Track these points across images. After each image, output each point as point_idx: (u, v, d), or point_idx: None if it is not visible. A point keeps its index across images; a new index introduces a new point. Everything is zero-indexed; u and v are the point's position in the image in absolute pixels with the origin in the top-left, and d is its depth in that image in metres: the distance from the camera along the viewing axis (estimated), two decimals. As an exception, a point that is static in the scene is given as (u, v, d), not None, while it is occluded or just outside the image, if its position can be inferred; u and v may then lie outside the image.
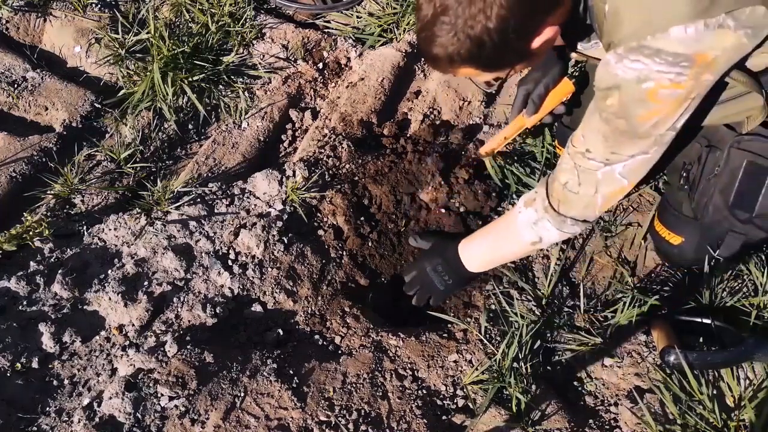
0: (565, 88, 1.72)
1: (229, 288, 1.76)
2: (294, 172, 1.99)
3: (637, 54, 1.13)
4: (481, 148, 1.90)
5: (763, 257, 1.70)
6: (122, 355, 1.62)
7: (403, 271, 1.77)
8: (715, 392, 1.55)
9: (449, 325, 1.71)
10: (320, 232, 1.90)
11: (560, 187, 1.39)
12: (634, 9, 1.14)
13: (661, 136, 1.24)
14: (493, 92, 1.79)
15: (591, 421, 1.56)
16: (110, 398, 1.54)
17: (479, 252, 1.62)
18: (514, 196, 1.97)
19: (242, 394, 1.54)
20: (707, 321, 1.58)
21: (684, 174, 1.64)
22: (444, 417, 1.54)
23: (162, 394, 1.54)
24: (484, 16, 1.11)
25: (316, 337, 1.71)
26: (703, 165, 1.58)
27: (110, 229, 1.86)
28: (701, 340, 1.60)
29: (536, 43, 1.21)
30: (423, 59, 1.30)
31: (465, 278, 1.66)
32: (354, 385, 1.58)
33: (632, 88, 1.17)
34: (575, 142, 1.35)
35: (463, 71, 1.26)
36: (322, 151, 2.07)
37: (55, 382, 1.60)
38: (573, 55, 1.53)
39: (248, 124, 2.22)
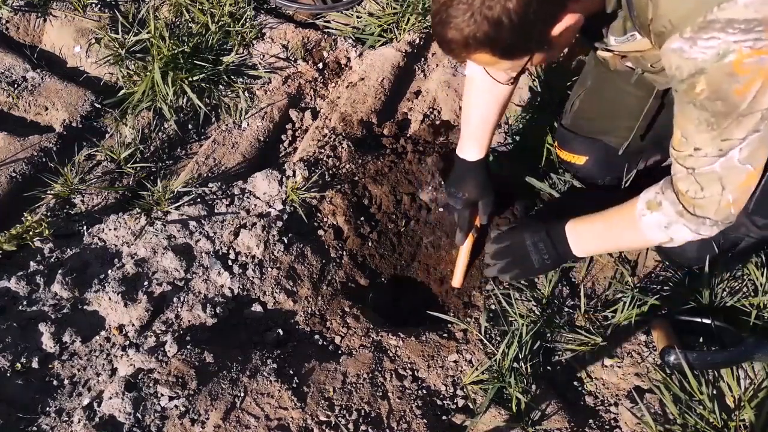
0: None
1: (229, 288, 1.76)
2: (294, 172, 1.99)
3: (708, 30, 1.08)
4: (453, 282, 1.84)
5: (763, 257, 1.70)
6: (122, 355, 1.62)
7: (496, 239, 1.68)
8: (715, 392, 1.55)
9: (449, 325, 1.71)
10: (320, 232, 1.90)
11: (683, 194, 1.32)
12: None
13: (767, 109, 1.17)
14: (509, 84, 1.79)
15: (591, 421, 1.56)
16: (110, 398, 1.54)
17: (590, 237, 1.56)
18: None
19: (242, 394, 1.54)
20: (707, 321, 1.58)
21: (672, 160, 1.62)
22: (444, 417, 1.54)
23: (162, 394, 1.54)
24: None
25: (316, 337, 1.71)
26: None
27: (110, 229, 1.86)
28: (701, 340, 1.60)
29: (557, 29, 1.17)
30: (437, 45, 1.28)
31: (564, 260, 1.61)
32: (354, 385, 1.58)
33: (717, 66, 1.11)
34: (678, 146, 1.28)
35: (478, 57, 1.22)
36: (322, 151, 2.07)
37: (55, 382, 1.60)
38: (600, 53, 1.50)
39: (248, 124, 2.22)
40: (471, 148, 1.72)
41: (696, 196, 1.30)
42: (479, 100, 1.68)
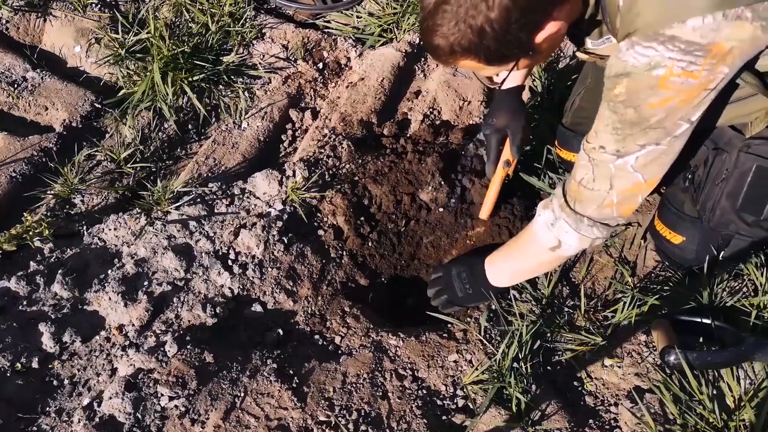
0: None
1: (229, 288, 1.76)
2: (294, 172, 1.99)
3: (650, 41, 1.11)
4: (481, 214, 1.89)
5: (763, 257, 1.70)
6: (122, 355, 1.62)
7: (433, 270, 1.80)
8: (715, 392, 1.55)
9: (449, 325, 1.71)
10: (320, 232, 1.90)
11: (576, 184, 1.37)
12: (651, 0, 1.12)
13: (675, 127, 1.21)
14: (497, 88, 1.81)
15: (591, 421, 1.56)
16: (110, 398, 1.54)
17: (502, 264, 1.63)
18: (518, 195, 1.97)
19: (242, 394, 1.54)
20: (707, 321, 1.58)
21: (689, 176, 1.62)
22: (444, 417, 1.54)
23: (162, 394, 1.54)
24: (486, 5, 1.11)
25: (316, 337, 1.71)
26: (710, 167, 1.56)
27: (110, 229, 1.86)
28: (701, 340, 1.60)
29: (540, 37, 1.19)
30: (425, 51, 1.31)
31: (485, 290, 1.66)
32: (354, 385, 1.58)
33: (642, 75, 1.15)
34: (590, 139, 1.33)
35: (465, 63, 1.24)
36: (322, 151, 2.07)
37: (55, 382, 1.60)
38: (580, 54, 1.52)
39: (248, 124, 2.22)
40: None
41: (586, 186, 1.34)
42: None
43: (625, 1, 1.16)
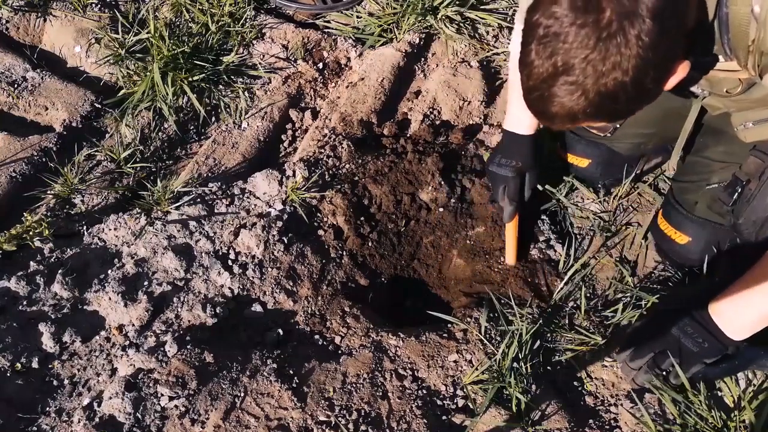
0: None
1: (229, 288, 1.76)
2: (294, 172, 1.99)
3: None
4: (507, 260, 1.83)
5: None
6: (122, 355, 1.62)
7: (630, 340, 1.53)
8: (712, 394, 1.55)
9: (449, 325, 1.71)
10: (320, 232, 1.90)
11: None
12: None
13: None
14: (608, 134, 1.79)
15: (591, 421, 1.56)
16: (110, 398, 1.54)
17: (737, 317, 1.38)
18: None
19: (242, 394, 1.54)
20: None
21: (738, 189, 1.56)
22: (444, 417, 1.54)
23: (162, 394, 1.54)
24: (620, 71, 1.02)
25: (316, 337, 1.71)
26: (766, 180, 1.51)
27: (110, 229, 1.86)
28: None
29: (670, 83, 1.14)
30: (535, 115, 1.20)
31: (724, 346, 1.39)
32: (354, 385, 1.58)
33: None
34: None
35: (583, 124, 1.17)
36: (322, 151, 2.07)
37: (55, 382, 1.60)
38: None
39: (248, 124, 2.22)
40: (523, 122, 1.70)
41: None
42: None
43: (763, 10, 1.08)
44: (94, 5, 2.42)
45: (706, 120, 1.70)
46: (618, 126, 1.58)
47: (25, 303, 1.71)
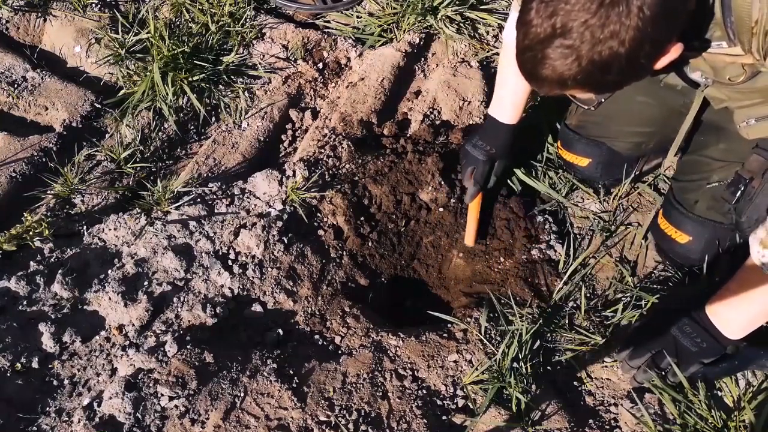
0: None
1: (229, 288, 1.76)
2: (294, 172, 1.99)
3: None
4: (466, 241, 1.88)
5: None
6: (122, 355, 1.62)
7: (626, 341, 1.57)
8: (712, 393, 1.55)
9: (449, 325, 1.71)
10: (320, 232, 1.90)
11: None
12: None
13: None
14: (592, 108, 1.78)
15: (591, 421, 1.56)
16: (110, 398, 1.54)
17: (733, 316, 1.42)
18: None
19: (242, 394, 1.54)
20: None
21: (742, 187, 1.56)
22: (444, 417, 1.54)
23: (162, 394, 1.54)
24: (617, 40, 1.00)
25: (316, 337, 1.71)
26: None
27: (110, 229, 1.86)
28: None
29: (661, 63, 1.12)
30: (525, 75, 1.17)
31: (722, 346, 1.43)
32: (354, 385, 1.58)
33: None
34: None
35: (570, 91, 1.15)
36: (322, 151, 2.07)
37: (55, 382, 1.60)
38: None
39: (248, 124, 2.22)
40: (506, 110, 1.72)
41: None
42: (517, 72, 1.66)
43: None
44: (94, 5, 2.42)
45: (706, 117, 1.70)
46: (603, 100, 1.55)
47: (25, 303, 1.71)
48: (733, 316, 1.42)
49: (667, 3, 1.02)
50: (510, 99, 1.73)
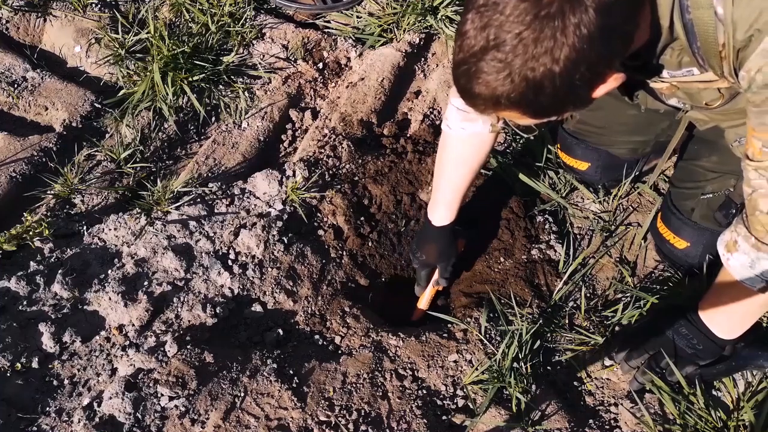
0: None
1: (229, 288, 1.76)
2: (294, 172, 1.99)
3: None
4: (421, 305, 1.85)
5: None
6: (122, 355, 1.62)
7: (624, 341, 1.58)
8: (712, 394, 1.55)
9: (449, 325, 1.71)
10: (320, 232, 1.90)
11: (763, 216, 1.18)
12: None
13: None
14: (531, 138, 1.72)
15: (591, 421, 1.56)
16: (110, 398, 1.54)
17: (722, 317, 1.43)
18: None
19: (242, 394, 1.54)
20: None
21: (733, 211, 1.56)
22: (444, 417, 1.55)
23: (162, 394, 1.54)
24: (550, 58, 0.94)
25: (316, 337, 1.71)
26: None
27: (110, 229, 1.86)
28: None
29: (599, 91, 1.07)
30: (461, 94, 1.10)
31: (718, 347, 1.45)
32: (354, 385, 1.58)
33: None
34: (758, 156, 1.14)
35: (505, 114, 1.09)
36: (322, 151, 2.07)
37: (55, 382, 1.60)
38: (654, 84, 1.36)
39: (248, 124, 2.22)
40: (439, 212, 1.67)
41: None
42: (452, 169, 1.62)
43: (726, 11, 1.02)
44: (94, 5, 2.42)
45: (698, 131, 1.67)
46: (543, 128, 1.46)
47: (25, 303, 1.71)
48: (722, 317, 1.43)
49: (607, 23, 0.96)
50: (443, 199, 1.66)
